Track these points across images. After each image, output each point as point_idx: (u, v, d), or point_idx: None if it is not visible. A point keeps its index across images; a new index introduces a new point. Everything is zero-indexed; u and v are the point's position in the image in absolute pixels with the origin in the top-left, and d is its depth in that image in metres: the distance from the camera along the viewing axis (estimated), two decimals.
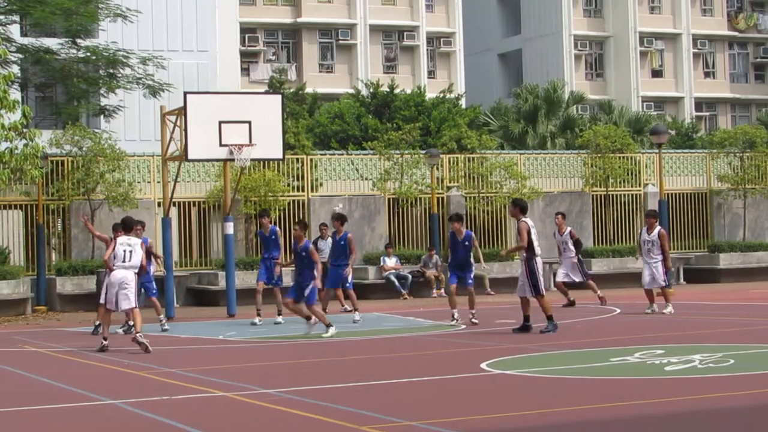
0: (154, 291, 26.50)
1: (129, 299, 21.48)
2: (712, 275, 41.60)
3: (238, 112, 30.29)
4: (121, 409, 14.09)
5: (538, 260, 22.92)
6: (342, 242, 27.00)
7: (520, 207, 23.58)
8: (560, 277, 31.07)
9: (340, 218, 27.89)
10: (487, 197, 40.99)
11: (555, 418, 12.51)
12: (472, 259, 25.01)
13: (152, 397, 15.01)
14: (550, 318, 22.77)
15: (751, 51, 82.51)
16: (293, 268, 24.19)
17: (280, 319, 27.18)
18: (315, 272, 22.72)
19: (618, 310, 27.74)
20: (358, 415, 12.84)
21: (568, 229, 31.68)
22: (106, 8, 43.68)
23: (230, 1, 63.05)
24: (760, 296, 30.18)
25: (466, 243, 24.91)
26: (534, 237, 22.82)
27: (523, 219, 22.95)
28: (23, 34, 47.13)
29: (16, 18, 44.50)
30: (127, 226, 22.34)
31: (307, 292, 22.70)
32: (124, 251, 21.42)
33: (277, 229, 28.79)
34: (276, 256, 27.33)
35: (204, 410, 14.01)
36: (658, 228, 27.22)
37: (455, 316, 24.78)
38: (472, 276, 25.14)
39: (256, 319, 26.99)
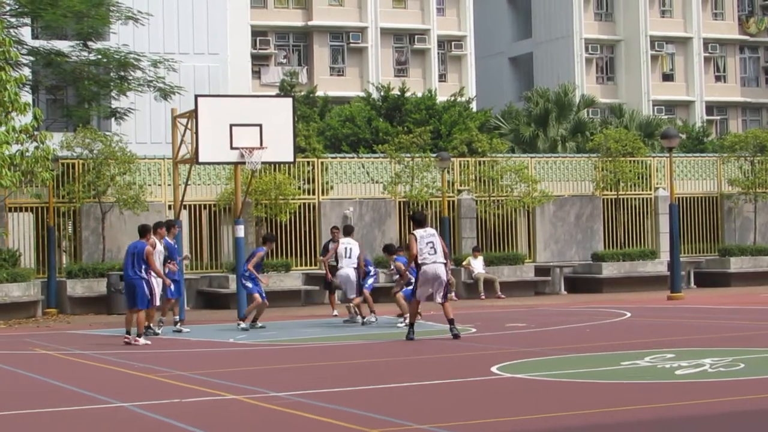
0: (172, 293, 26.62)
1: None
2: (722, 279, 41.58)
3: (249, 115, 30.25)
4: (131, 411, 14.07)
5: (426, 268, 22.33)
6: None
7: (413, 220, 23.53)
8: None
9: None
10: (498, 201, 40.95)
11: (564, 422, 12.46)
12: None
13: (161, 399, 14.97)
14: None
15: (762, 55, 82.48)
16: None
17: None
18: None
19: (629, 314, 27.72)
20: (368, 417, 12.77)
21: None
22: (118, 11, 43.81)
23: (241, 4, 63.11)
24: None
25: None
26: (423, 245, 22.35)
27: (412, 232, 22.56)
28: (34, 36, 47.28)
29: (28, 21, 44.60)
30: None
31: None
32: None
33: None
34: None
35: (214, 413, 13.96)
36: None
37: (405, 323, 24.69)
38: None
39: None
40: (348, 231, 29.81)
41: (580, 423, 12.39)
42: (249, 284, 27.24)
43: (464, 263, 38.97)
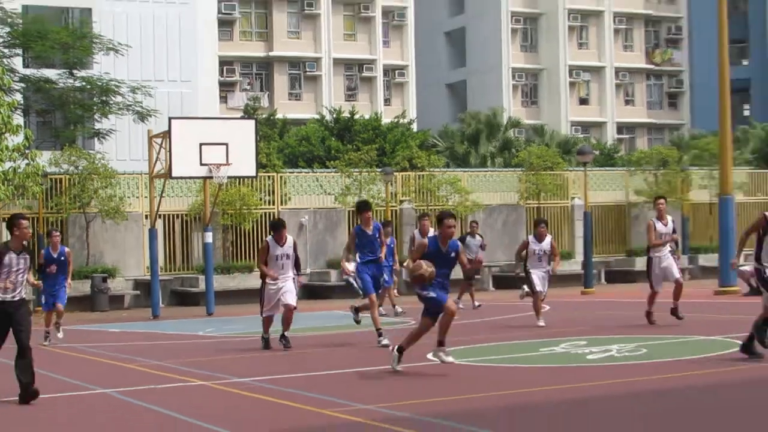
0: None
1: None
2: (629, 276, 41.86)
3: (216, 135, 30.39)
4: (111, 396, 14.07)
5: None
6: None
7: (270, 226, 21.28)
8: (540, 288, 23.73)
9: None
10: (435, 210, 41.08)
11: (485, 402, 12.58)
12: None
13: (138, 386, 15.00)
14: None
15: (666, 82, 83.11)
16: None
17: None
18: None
19: (548, 307, 27.81)
20: (323, 400, 12.84)
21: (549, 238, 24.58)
22: (100, 43, 44.00)
23: (210, 37, 62.99)
24: (669, 294, 30.25)
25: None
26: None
27: (267, 239, 20.08)
28: (25, 65, 47.07)
29: (19, 51, 44.57)
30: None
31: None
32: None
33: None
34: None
35: (184, 397, 13.99)
36: (549, 237, 23.93)
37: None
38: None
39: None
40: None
41: (503, 402, 12.50)
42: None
43: (404, 264, 38.95)
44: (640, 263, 42.01)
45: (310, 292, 37.30)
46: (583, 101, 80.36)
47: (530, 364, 16.51)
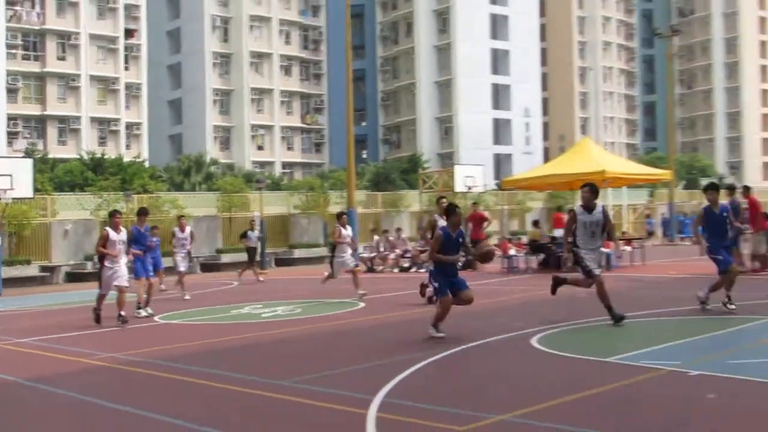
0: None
1: None
2: (290, 262, 42.40)
3: (4, 169, 28.98)
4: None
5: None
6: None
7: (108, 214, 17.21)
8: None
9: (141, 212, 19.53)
10: (162, 220, 40.31)
11: (193, 348, 12.60)
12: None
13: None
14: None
15: (313, 135, 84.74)
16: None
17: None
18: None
19: (235, 283, 27.83)
20: (80, 352, 12.50)
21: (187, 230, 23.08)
22: None
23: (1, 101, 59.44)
24: (310, 272, 30.74)
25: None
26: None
27: (105, 228, 16.24)
28: None
29: None
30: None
31: None
32: None
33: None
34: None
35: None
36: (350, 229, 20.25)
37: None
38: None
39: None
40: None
41: (201, 348, 12.52)
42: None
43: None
44: (298, 253, 42.83)
45: (73, 276, 35.82)
46: (260, 147, 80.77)
47: (223, 321, 16.54)
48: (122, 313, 15.89)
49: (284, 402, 8.29)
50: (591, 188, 12.80)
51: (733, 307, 13.45)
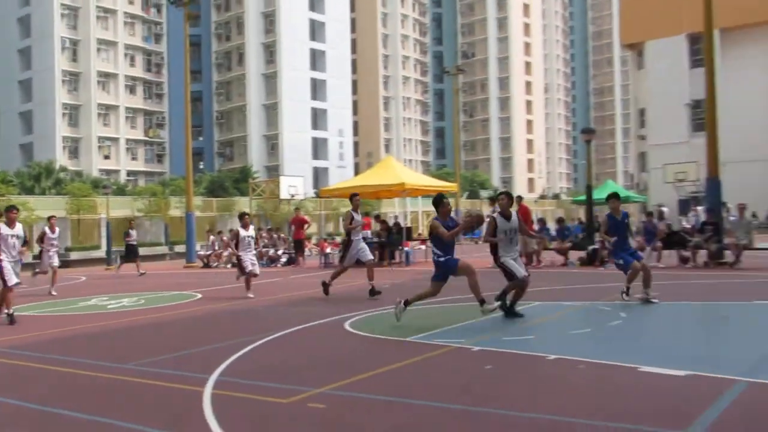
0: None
1: None
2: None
3: None
4: None
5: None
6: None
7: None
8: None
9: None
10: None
11: (45, 336, 11.89)
12: None
13: None
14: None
15: (156, 148, 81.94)
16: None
17: None
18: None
19: (84, 278, 26.33)
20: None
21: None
22: None
23: None
24: (153, 268, 29.58)
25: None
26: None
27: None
28: None
29: None
30: None
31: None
32: None
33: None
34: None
35: None
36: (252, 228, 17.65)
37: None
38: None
39: None
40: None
41: (52, 336, 11.81)
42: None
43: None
44: (141, 251, 40.94)
45: None
46: (107, 157, 77.17)
47: (73, 312, 15.66)
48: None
49: (128, 383, 7.92)
50: (507, 195, 11.58)
51: (627, 297, 12.62)
